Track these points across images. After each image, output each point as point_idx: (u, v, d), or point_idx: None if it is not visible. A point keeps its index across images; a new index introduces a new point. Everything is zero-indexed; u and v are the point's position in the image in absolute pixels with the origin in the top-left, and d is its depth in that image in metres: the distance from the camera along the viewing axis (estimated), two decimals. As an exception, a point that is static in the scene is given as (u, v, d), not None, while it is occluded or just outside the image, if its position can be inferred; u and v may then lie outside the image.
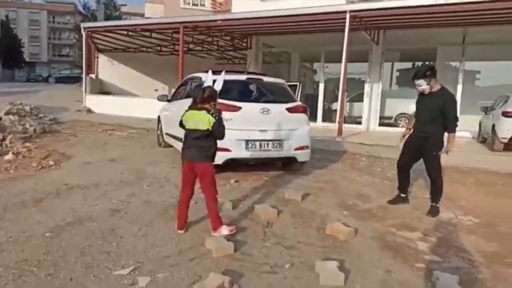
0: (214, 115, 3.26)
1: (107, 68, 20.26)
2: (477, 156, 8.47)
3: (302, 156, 5.40)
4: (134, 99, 15.36)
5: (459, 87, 13.02)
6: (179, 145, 5.81)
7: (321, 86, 14.68)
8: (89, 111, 14.78)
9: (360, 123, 14.25)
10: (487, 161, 7.77)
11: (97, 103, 15.46)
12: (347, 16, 10.29)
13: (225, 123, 3.35)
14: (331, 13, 10.73)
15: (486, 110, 10.62)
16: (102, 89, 19.30)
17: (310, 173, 5.72)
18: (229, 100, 4.98)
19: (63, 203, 4.02)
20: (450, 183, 5.74)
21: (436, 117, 4.07)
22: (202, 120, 3.23)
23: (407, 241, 3.43)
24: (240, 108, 4.94)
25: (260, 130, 5.05)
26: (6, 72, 45.79)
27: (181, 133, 5.52)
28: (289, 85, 6.11)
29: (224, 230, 3.27)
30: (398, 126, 14.63)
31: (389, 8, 10.33)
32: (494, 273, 2.91)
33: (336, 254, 3.06)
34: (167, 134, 6.88)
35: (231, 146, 4.85)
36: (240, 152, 4.96)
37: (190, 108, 3.37)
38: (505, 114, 8.71)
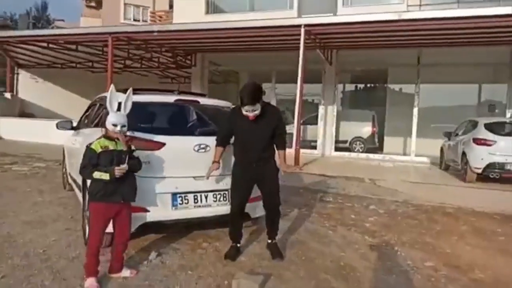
0: None
1: (30, 86, 17.59)
2: (451, 190, 7.48)
3: (258, 209, 3.75)
4: (53, 122, 12.96)
5: (415, 110, 12.41)
6: (79, 194, 4.02)
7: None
8: (-3, 137, 12.23)
9: (315, 147, 13.13)
10: (465, 196, 6.78)
11: (9, 128, 12.94)
12: (302, 30, 9.14)
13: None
14: (284, 27, 9.53)
15: (450, 135, 9.87)
16: (22, 110, 16.60)
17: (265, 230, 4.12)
18: (148, 132, 3.32)
19: None
20: (445, 235, 4.48)
21: (269, 139, 3.35)
22: None
23: None
24: (163, 144, 3.28)
25: (195, 177, 3.41)
26: None
27: (80, 177, 3.81)
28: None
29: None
30: (354, 151, 13.74)
31: (346, 23, 9.36)
32: None
33: None
34: (69, 174, 5.01)
35: (150, 203, 3.18)
36: (164, 212, 3.27)
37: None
38: (477, 142, 7.85)
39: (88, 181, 2.97)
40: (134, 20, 24.50)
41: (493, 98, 13.54)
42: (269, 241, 3.53)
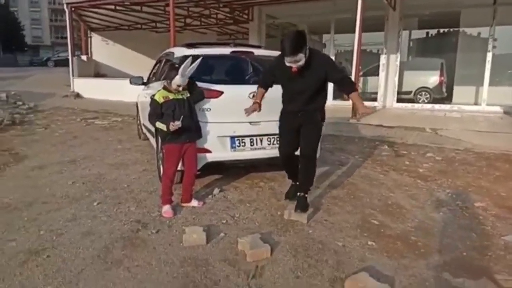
0: None
1: (102, 49, 18.95)
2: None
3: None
4: (125, 81, 13.98)
5: (489, 55, 11.41)
6: (153, 140, 4.59)
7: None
8: (78, 96, 13.58)
9: (375, 99, 12.75)
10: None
11: (87, 87, 14.22)
12: (361, -26, 8.69)
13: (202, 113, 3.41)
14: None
15: (526, 81, 9.07)
16: (97, 71, 18.05)
17: (320, 173, 4.41)
18: (207, 82, 3.67)
19: (-32, 238, 2.85)
20: (503, 180, 4.44)
21: (316, 91, 3.17)
22: None
23: (475, 300, 2.18)
24: (221, 93, 3.63)
25: (251, 123, 3.73)
26: (8, 56, 44.60)
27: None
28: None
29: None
30: (418, 102, 13.15)
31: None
32: None
33: None
34: (144, 125, 5.63)
35: (211, 145, 3.59)
36: (224, 153, 3.68)
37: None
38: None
39: None
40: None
41: None
42: (299, 193, 3.29)
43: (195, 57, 3.38)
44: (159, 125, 3.21)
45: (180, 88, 3.21)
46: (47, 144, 6.01)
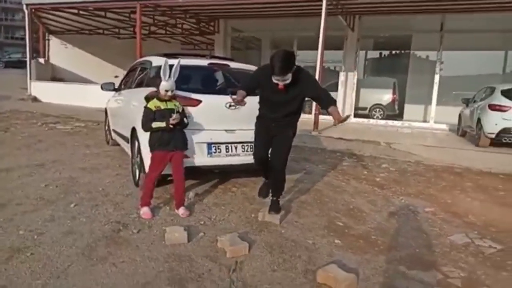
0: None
1: (61, 52, 18.34)
2: (464, 153, 7.82)
3: None
4: (87, 86, 13.72)
5: (436, 77, 12.49)
6: (126, 146, 4.68)
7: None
8: (35, 99, 13.10)
9: (334, 114, 13.45)
10: (475, 159, 7.11)
11: (45, 91, 13.74)
12: (324, -4, 9.31)
13: None
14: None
15: (468, 102, 10.06)
16: (54, 75, 17.42)
17: (289, 180, 4.67)
18: (187, 91, 3.87)
19: None
20: (449, 189, 4.97)
21: (296, 108, 3.35)
22: None
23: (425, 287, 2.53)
24: (200, 102, 3.84)
25: (226, 130, 3.97)
26: (-50, 55, 41.58)
27: (128, 132, 4.44)
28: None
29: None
30: (373, 118, 14.02)
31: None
32: None
33: (335, 322, 2.10)
34: (114, 131, 5.67)
35: (189, 151, 3.76)
36: (201, 159, 3.87)
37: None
38: (493, 108, 8.09)
39: (143, 136, 3.61)
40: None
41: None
42: (272, 198, 3.51)
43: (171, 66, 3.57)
44: (157, 124, 3.32)
45: (169, 93, 3.35)
46: (10, 147, 5.85)
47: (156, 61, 4.36)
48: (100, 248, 2.76)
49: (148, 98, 3.49)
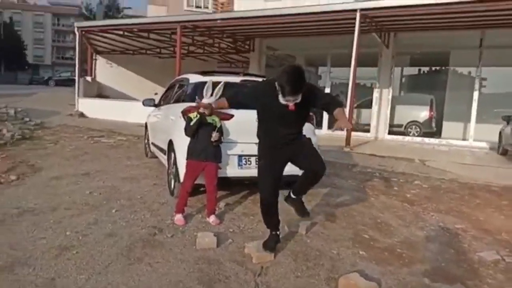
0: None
1: (106, 71, 19.53)
2: (503, 172, 7.54)
3: None
4: (129, 103, 14.53)
5: (475, 93, 12.13)
6: (163, 158, 4.98)
7: (327, 91, 13.77)
8: (82, 115, 14.00)
9: (368, 131, 13.34)
10: (515, 178, 6.84)
11: (91, 107, 14.67)
12: (357, 15, 9.44)
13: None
14: (340, 12, 9.88)
15: (509, 119, 9.69)
16: (100, 92, 18.55)
17: (317, 194, 4.82)
18: (221, 106, 4.12)
19: (2, 235, 3.17)
20: (483, 207, 4.85)
21: (303, 120, 3.10)
22: None
23: (449, 300, 2.55)
24: (232, 116, 4.06)
25: (256, 143, 4.17)
26: (9, 74, 45.22)
27: (165, 144, 4.75)
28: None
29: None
30: (408, 135, 13.76)
31: (402, 6, 9.47)
32: None
33: (354, 326, 2.19)
34: (152, 144, 6.03)
35: (222, 162, 3.99)
36: (232, 170, 4.08)
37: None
38: (534, 125, 7.78)
39: (179, 147, 3.88)
40: (197, 6, 25.62)
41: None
42: (294, 196, 3.24)
43: (212, 84, 3.83)
44: (194, 120, 3.55)
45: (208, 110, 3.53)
46: (60, 157, 6.37)
47: (193, 79, 4.68)
48: (137, 249, 3.01)
49: (184, 112, 3.77)
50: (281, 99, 2.69)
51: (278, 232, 3.14)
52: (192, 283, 2.55)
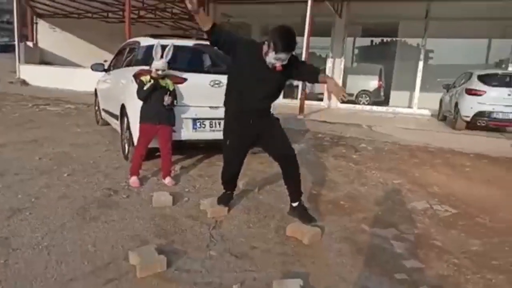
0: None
1: (49, 36, 18.23)
2: (440, 135, 8.22)
3: None
4: (76, 70, 13.82)
5: (420, 64, 12.84)
6: (116, 124, 4.93)
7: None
8: (24, 83, 13.17)
9: (321, 100, 13.79)
10: (450, 140, 7.50)
11: (34, 74, 13.80)
12: (311, -18, 9.52)
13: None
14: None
15: (448, 87, 10.45)
16: (42, 59, 17.38)
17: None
18: (174, 69, 4.12)
19: None
20: (419, 165, 5.33)
21: (278, 92, 3.02)
22: None
23: (382, 241, 2.87)
24: (185, 79, 4.10)
25: (210, 107, 4.25)
26: None
27: (118, 109, 4.68)
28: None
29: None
30: (359, 103, 14.38)
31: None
32: (485, 283, 2.41)
33: (298, 265, 2.43)
34: (104, 110, 5.89)
35: (175, 126, 4.04)
36: (186, 133, 4.16)
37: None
38: (469, 92, 8.48)
39: (131, 111, 3.87)
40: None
41: (502, 55, 13.79)
42: (294, 204, 3.03)
43: (163, 47, 3.81)
44: (147, 85, 3.54)
45: (160, 72, 3.58)
46: (2, 125, 6.05)
47: (144, 42, 4.59)
48: (92, 209, 3.05)
49: (136, 76, 3.74)
50: (271, 58, 2.60)
51: (233, 192, 3.30)
52: (149, 236, 2.67)
